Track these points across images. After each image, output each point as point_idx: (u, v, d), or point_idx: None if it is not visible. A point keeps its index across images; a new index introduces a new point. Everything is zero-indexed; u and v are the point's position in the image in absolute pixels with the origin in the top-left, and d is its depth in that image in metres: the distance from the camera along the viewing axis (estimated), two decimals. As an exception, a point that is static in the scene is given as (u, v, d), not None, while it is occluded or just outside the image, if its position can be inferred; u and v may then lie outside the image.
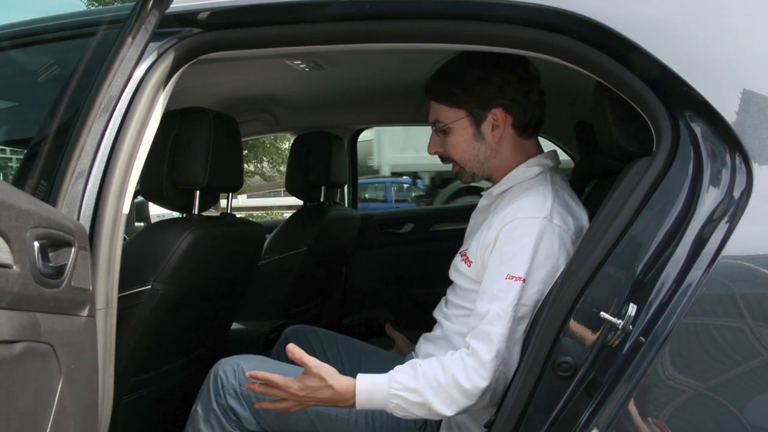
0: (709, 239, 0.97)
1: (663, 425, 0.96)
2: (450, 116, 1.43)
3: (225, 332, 2.02)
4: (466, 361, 1.25)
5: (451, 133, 1.44)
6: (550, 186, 1.37)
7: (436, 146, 1.49)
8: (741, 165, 1.01)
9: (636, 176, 1.09)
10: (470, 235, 1.51)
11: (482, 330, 1.25)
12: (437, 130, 1.47)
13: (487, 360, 1.23)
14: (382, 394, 1.27)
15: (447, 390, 1.24)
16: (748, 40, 1.11)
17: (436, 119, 1.46)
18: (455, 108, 1.42)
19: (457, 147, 1.45)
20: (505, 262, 1.28)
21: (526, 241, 1.27)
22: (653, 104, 1.10)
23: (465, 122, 1.43)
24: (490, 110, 1.41)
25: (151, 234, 1.63)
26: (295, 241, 2.53)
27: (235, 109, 2.47)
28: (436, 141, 1.49)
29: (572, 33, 1.17)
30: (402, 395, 1.26)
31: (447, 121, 1.44)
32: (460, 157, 1.46)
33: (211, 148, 1.56)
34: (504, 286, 1.26)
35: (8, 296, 0.89)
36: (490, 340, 1.24)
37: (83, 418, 1.11)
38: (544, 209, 1.31)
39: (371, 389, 1.28)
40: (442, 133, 1.46)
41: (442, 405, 1.24)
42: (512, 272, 1.26)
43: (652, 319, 0.98)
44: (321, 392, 1.28)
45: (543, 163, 1.43)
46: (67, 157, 1.19)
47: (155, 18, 1.22)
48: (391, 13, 1.28)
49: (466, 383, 1.23)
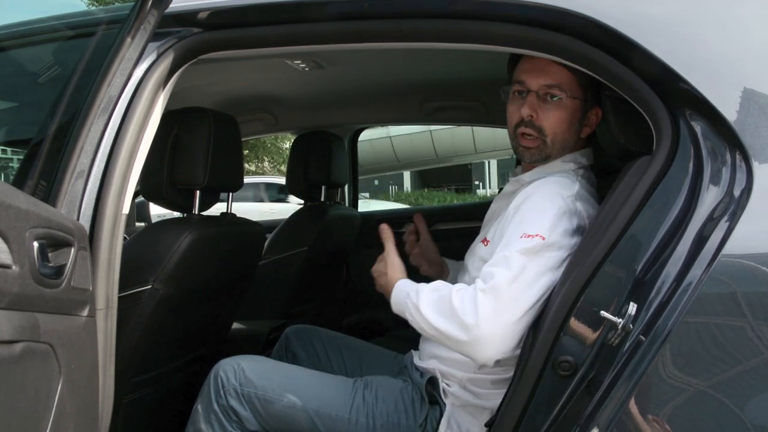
0: (710, 238, 0.97)
1: (663, 424, 0.96)
2: (573, 91, 1.37)
3: (225, 332, 2.02)
4: (464, 288, 1.25)
5: (562, 107, 1.37)
6: (578, 180, 1.36)
7: (534, 110, 1.37)
8: (741, 163, 1.01)
9: (636, 175, 1.09)
10: (490, 220, 1.49)
11: (486, 270, 1.23)
12: (545, 94, 1.37)
13: (479, 290, 1.20)
14: (401, 300, 1.34)
15: (442, 307, 1.25)
16: (749, 38, 1.10)
17: (557, 86, 1.36)
18: (581, 87, 1.37)
19: (559, 121, 1.37)
20: (522, 225, 1.25)
21: (549, 208, 1.25)
22: (653, 103, 1.10)
23: (578, 104, 1.38)
24: (595, 108, 1.40)
25: (151, 234, 1.63)
26: (295, 240, 2.52)
27: (235, 108, 2.47)
28: (535, 105, 1.37)
29: (573, 32, 1.16)
30: (410, 305, 1.30)
31: (568, 93, 1.36)
32: (553, 131, 1.38)
33: (211, 148, 1.56)
34: (517, 243, 1.22)
35: (7, 296, 0.89)
36: (490, 276, 1.21)
37: (83, 418, 1.11)
38: (571, 189, 1.30)
39: (399, 293, 1.36)
40: (548, 101, 1.37)
41: (435, 318, 1.25)
42: (528, 231, 1.23)
43: (652, 318, 0.98)
44: (381, 277, 1.42)
45: (578, 160, 1.42)
46: (67, 157, 1.19)
47: (154, 18, 1.22)
48: (390, 13, 1.28)
49: (457, 303, 1.22)
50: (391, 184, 22.89)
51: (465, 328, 1.19)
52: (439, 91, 2.51)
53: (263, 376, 1.47)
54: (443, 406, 1.42)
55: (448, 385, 1.42)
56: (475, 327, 1.18)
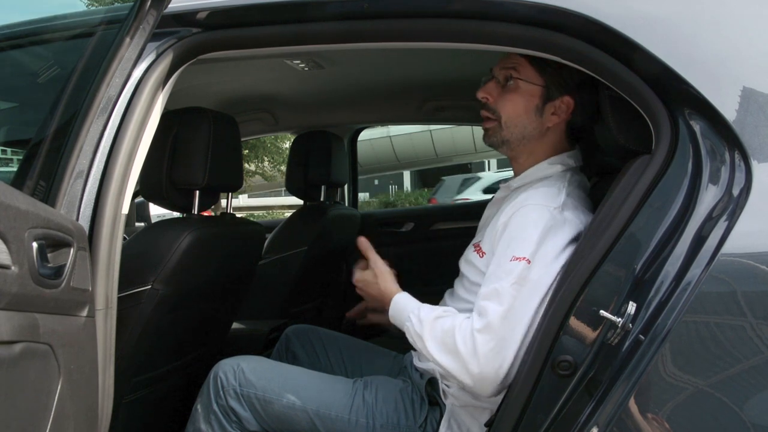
0: (709, 237, 0.97)
1: (663, 423, 0.96)
2: (529, 75, 1.37)
3: (225, 332, 2.02)
4: (463, 324, 1.26)
5: (516, 90, 1.38)
6: (566, 182, 1.36)
7: (489, 92, 1.41)
8: (740, 162, 1.01)
9: (635, 174, 1.09)
10: (483, 227, 1.49)
11: (479, 304, 1.25)
12: (503, 78, 1.40)
13: (475, 330, 1.23)
14: (402, 318, 1.36)
15: (445, 344, 1.27)
16: (748, 37, 1.10)
17: (512, 68, 1.38)
18: (539, 72, 1.37)
19: (513, 106, 1.39)
20: (512, 246, 1.27)
21: (534, 227, 1.26)
22: (652, 102, 1.10)
23: (536, 90, 1.38)
24: (563, 96, 1.39)
25: (150, 234, 1.63)
26: (295, 240, 2.52)
27: (235, 108, 2.47)
28: (492, 88, 1.41)
29: (572, 31, 1.16)
30: (411, 330, 1.32)
31: (522, 77, 1.37)
32: (508, 116, 1.39)
33: (210, 147, 1.56)
34: (508, 267, 1.25)
35: (7, 297, 0.89)
36: (485, 313, 1.23)
37: (83, 418, 1.11)
38: (557, 200, 1.30)
39: (399, 308, 1.38)
40: (504, 85, 1.40)
41: (438, 354, 1.27)
42: (516, 254, 1.25)
43: (651, 317, 0.98)
44: (371, 287, 1.45)
45: (565, 162, 1.42)
46: (66, 158, 1.18)
47: (153, 18, 1.22)
48: (390, 12, 1.28)
49: (460, 344, 1.24)
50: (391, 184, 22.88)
51: (469, 374, 1.23)
52: (439, 90, 2.51)
53: (263, 376, 1.47)
54: (443, 407, 1.42)
55: (448, 385, 1.42)
56: (479, 374, 1.22)
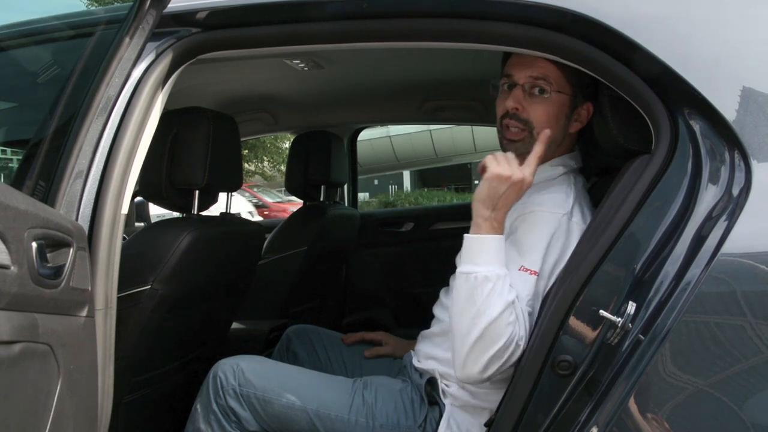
0: (708, 237, 0.97)
1: (663, 423, 0.96)
2: (560, 85, 1.35)
3: (225, 332, 2.02)
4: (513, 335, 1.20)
5: (549, 102, 1.35)
6: (573, 186, 1.36)
7: (519, 103, 1.36)
8: (740, 162, 1.01)
9: (635, 174, 1.09)
10: None
11: None
12: (532, 87, 1.35)
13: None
14: (480, 260, 1.24)
15: (485, 335, 1.19)
16: (747, 37, 1.10)
17: (543, 78, 1.35)
18: (567, 81, 1.35)
19: (545, 115, 1.35)
20: (521, 253, 1.26)
21: (541, 235, 1.26)
22: (652, 102, 1.10)
23: (566, 99, 1.37)
24: (585, 103, 1.39)
25: (150, 234, 1.63)
26: (295, 240, 2.52)
27: (235, 108, 2.47)
28: (520, 97, 1.36)
29: (572, 31, 1.16)
30: (473, 284, 1.21)
31: (555, 86, 1.35)
32: (540, 125, 1.35)
33: (210, 147, 1.56)
34: (516, 278, 1.24)
35: (6, 297, 0.89)
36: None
37: (82, 418, 1.11)
38: (566, 206, 1.30)
39: (478, 246, 1.25)
40: (534, 95, 1.36)
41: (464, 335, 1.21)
42: (526, 264, 1.25)
43: (651, 317, 0.98)
44: (510, 170, 1.24)
45: (567, 163, 1.42)
46: (66, 158, 1.18)
47: (153, 18, 1.22)
48: (389, 12, 1.28)
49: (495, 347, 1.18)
50: (390, 184, 22.89)
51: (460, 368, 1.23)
52: (438, 90, 2.51)
53: (262, 376, 1.47)
54: (442, 407, 1.42)
55: (447, 385, 1.42)
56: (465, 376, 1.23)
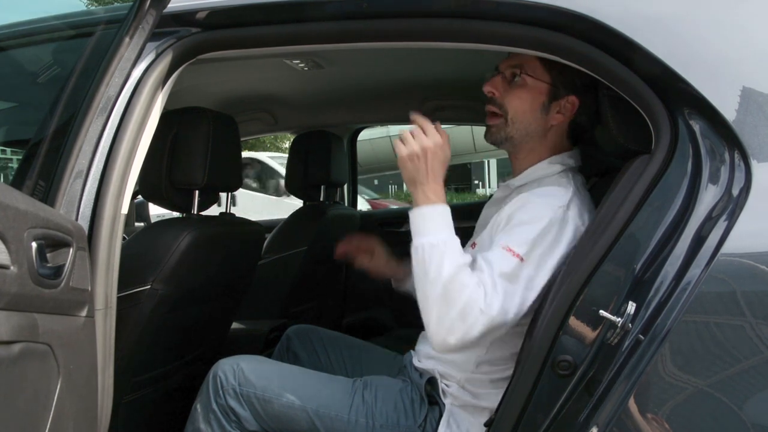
0: (708, 237, 0.97)
1: (662, 423, 0.96)
2: (537, 72, 1.37)
3: (225, 332, 2.02)
4: (478, 295, 1.19)
5: (523, 87, 1.38)
6: (572, 182, 1.36)
7: (495, 88, 1.39)
8: (740, 162, 1.01)
9: (635, 174, 1.09)
10: (482, 227, 1.47)
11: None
12: (510, 74, 1.39)
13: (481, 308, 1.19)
14: (425, 230, 1.25)
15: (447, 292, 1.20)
16: (747, 37, 1.10)
17: (519, 66, 1.37)
18: (546, 70, 1.36)
19: (520, 102, 1.38)
20: (510, 236, 1.25)
21: (534, 223, 1.25)
22: (652, 102, 1.10)
23: (544, 88, 1.37)
24: (569, 95, 1.38)
25: (150, 234, 1.63)
26: (294, 240, 2.52)
27: (234, 108, 2.47)
28: (498, 83, 1.40)
29: (572, 31, 1.16)
30: (427, 251, 1.23)
31: (530, 73, 1.37)
32: (515, 112, 1.38)
33: (210, 147, 1.56)
34: (498, 254, 1.23)
35: (6, 297, 0.89)
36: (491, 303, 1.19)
37: (82, 418, 1.11)
38: (564, 198, 1.29)
39: (432, 220, 1.26)
40: (511, 81, 1.39)
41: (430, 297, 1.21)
42: (511, 245, 1.23)
43: (651, 317, 0.98)
44: (414, 163, 1.27)
45: (565, 162, 1.41)
46: (66, 157, 1.19)
47: (153, 18, 1.22)
48: (389, 12, 1.28)
49: (458, 307, 1.18)
50: (390, 184, 22.86)
51: (437, 334, 1.20)
52: (438, 90, 2.50)
53: (262, 376, 1.47)
54: (442, 407, 1.42)
55: (447, 385, 1.42)
56: (442, 342, 1.20)
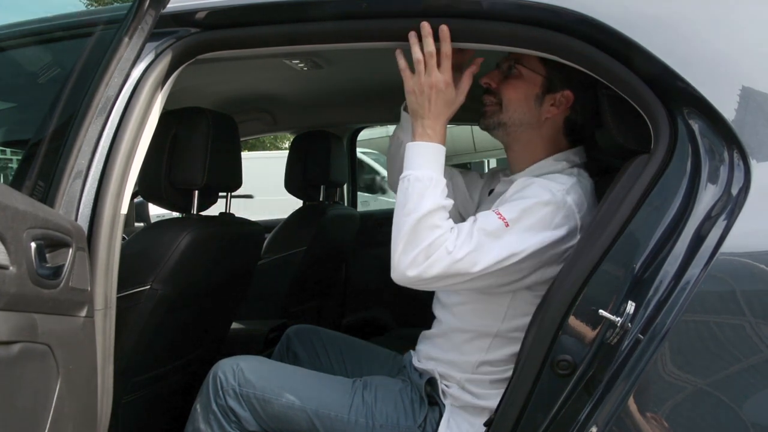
0: (708, 236, 0.97)
1: (662, 422, 0.96)
2: (532, 65, 1.39)
3: (224, 332, 2.02)
4: (446, 240, 1.23)
5: (518, 78, 1.40)
6: (577, 177, 1.36)
7: (492, 79, 1.44)
8: (739, 162, 1.01)
9: (634, 174, 1.09)
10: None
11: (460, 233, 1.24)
12: (507, 67, 1.42)
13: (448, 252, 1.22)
14: (417, 163, 1.29)
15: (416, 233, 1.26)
16: (747, 36, 1.10)
17: (516, 57, 1.40)
18: (542, 63, 1.38)
19: (514, 90, 1.40)
20: (503, 204, 1.28)
21: (528, 195, 1.26)
22: (651, 101, 1.10)
23: (538, 79, 1.39)
24: (564, 89, 1.39)
25: (149, 234, 1.63)
26: (294, 240, 2.52)
27: (234, 108, 2.46)
28: (495, 75, 1.44)
29: (572, 31, 1.16)
30: (413, 185, 1.27)
31: (526, 65, 1.39)
32: (509, 99, 1.41)
33: (209, 148, 1.56)
34: (485, 214, 1.26)
35: (5, 297, 0.89)
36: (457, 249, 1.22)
37: (82, 418, 1.11)
38: (566, 184, 1.30)
39: (424, 155, 1.29)
40: (507, 72, 1.42)
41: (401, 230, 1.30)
42: (501, 210, 1.25)
43: (650, 317, 0.98)
44: (422, 95, 1.31)
45: (571, 159, 1.42)
46: (65, 158, 1.19)
47: (152, 18, 1.22)
48: (389, 12, 1.28)
49: (422, 246, 1.24)
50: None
51: (398, 264, 1.29)
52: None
53: (262, 376, 1.47)
54: (442, 407, 1.42)
55: (447, 386, 1.42)
56: (402, 274, 1.27)
